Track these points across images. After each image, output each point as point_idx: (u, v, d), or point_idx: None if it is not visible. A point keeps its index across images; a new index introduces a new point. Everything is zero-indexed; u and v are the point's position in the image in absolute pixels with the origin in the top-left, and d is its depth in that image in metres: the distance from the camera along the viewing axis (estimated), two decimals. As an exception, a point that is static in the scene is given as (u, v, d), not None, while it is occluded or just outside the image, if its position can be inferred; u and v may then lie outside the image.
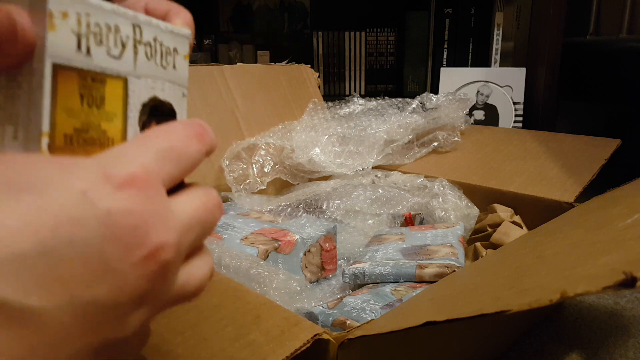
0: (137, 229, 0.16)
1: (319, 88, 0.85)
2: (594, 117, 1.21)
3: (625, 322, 0.51)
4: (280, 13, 1.48)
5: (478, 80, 1.16)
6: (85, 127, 0.18)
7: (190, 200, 0.19)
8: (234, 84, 0.72)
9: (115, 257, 0.15)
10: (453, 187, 0.62)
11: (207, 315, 0.28)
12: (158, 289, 0.17)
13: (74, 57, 0.17)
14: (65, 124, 0.18)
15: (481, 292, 0.27)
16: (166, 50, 0.21)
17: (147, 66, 0.20)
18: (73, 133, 0.18)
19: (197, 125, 0.20)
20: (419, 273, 0.43)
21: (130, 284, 0.16)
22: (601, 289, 0.18)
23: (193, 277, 0.19)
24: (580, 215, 0.43)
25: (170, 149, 0.18)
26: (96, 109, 0.19)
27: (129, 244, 0.16)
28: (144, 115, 0.21)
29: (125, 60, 0.19)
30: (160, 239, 0.16)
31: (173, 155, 0.18)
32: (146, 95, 0.21)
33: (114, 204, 0.15)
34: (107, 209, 0.15)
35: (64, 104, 0.17)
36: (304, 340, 0.25)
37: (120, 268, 0.16)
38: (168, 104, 0.22)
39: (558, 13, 1.07)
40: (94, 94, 0.18)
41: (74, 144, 0.18)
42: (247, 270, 0.40)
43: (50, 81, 0.17)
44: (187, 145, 0.19)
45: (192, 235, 0.19)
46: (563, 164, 0.62)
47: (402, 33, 1.30)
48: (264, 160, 0.67)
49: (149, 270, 0.16)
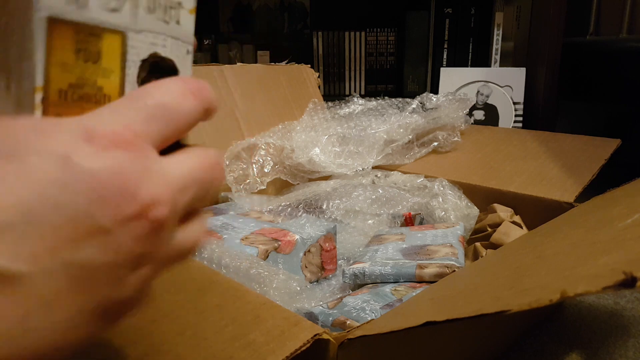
0: (125, 188, 0.16)
1: (319, 88, 0.85)
2: (594, 117, 1.21)
3: (625, 322, 0.51)
4: (280, 13, 1.48)
5: (478, 80, 1.16)
6: (80, 83, 0.18)
7: (185, 159, 0.18)
8: (234, 84, 0.72)
9: (104, 218, 0.15)
10: (453, 187, 0.62)
11: (207, 315, 0.28)
12: (155, 248, 0.17)
13: (68, 8, 0.17)
14: (59, 79, 0.17)
15: (481, 292, 0.27)
16: (169, 4, 0.20)
17: (148, 20, 0.19)
18: (67, 88, 0.17)
19: (193, 81, 0.19)
20: (419, 273, 0.43)
21: (125, 243, 0.16)
22: (601, 289, 0.18)
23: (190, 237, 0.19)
24: (580, 215, 0.43)
25: (160, 105, 0.18)
26: (92, 64, 0.18)
27: (118, 204, 0.15)
28: (143, 71, 0.20)
29: (124, 13, 0.18)
30: (150, 196, 0.16)
31: (164, 113, 0.18)
32: (146, 51, 0.20)
33: (97, 165, 0.15)
34: (91, 170, 0.15)
35: (58, 59, 0.17)
36: (304, 340, 0.25)
37: (111, 228, 0.15)
38: (170, 61, 0.21)
39: (558, 13, 1.07)
40: (90, 48, 0.18)
41: (68, 100, 0.18)
42: (247, 270, 0.40)
43: (44, 34, 0.16)
44: (180, 102, 0.18)
45: (187, 194, 0.18)
46: (563, 164, 0.62)
47: (402, 33, 1.30)
48: (264, 160, 0.67)
49: (142, 229, 0.16)
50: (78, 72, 0.18)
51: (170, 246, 0.18)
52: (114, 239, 0.16)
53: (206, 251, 0.42)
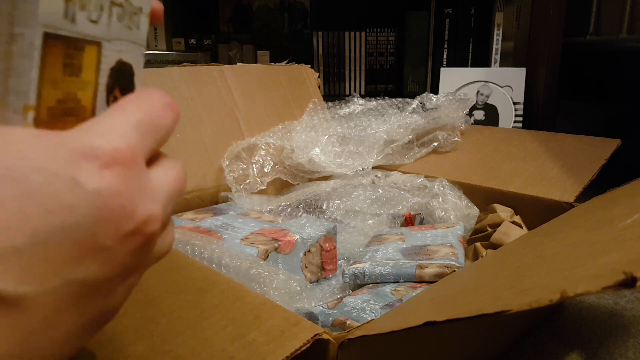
0: (126, 206, 0.16)
1: (319, 88, 0.85)
2: (594, 117, 1.21)
3: (625, 322, 0.51)
4: (280, 13, 1.48)
5: (478, 80, 1.16)
6: (65, 98, 0.18)
7: (166, 172, 0.19)
8: (234, 84, 0.72)
9: (106, 237, 0.16)
10: (453, 187, 0.62)
11: (207, 315, 0.28)
12: (143, 259, 0.18)
13: (61, 24, 0.16)
14: (50, 96, 0.17)
15: (481, 292, 0.27)
16: (133, 10, 0.20)
17: (118, 28, 0.19)
18: (56, 105, 0.17)
19: (165, 95, 0.20)
20: (419, 273, 0.43)
21: (119, 258, 0.16)
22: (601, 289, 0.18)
23: (167, 242, 0.20)
24: (580, 215, 0.43)
25: (149, 121, 0.18)
26: (75, 78, 0.18)
27: (119, 222, 0.16)
28: (110, 79, 0.20)
29: (102, 24, 0.18)
30: (147, 212, 0.17)
31: (153, 128, 0.18)
32: (114, 59, 0.20)
33: (101, 184, 0.15)
34: (95, 190, 0.15)
35: (50, 75, 0.17)
36: (304, 340, 0.25)
37: (109, 245, 0.16)
38: (129, 65, 0.21)
39: (558, 13, 1.07)
40: (75, 62, 0.18)
41: (55, 116, 0.17)
42: (247, 270, 0.40)
43: (39, 51, 0.16)
44: (164, 116, 0.19)
45: (171, 206, 0.19)
46: (563, 164, 0.62)
47: (402, 33, 1.30)
48: (264, 160, 0.67)
49: (136, 244, 0.17)
50: (65, 88, 0.17)
51: (153, 254, 0.19)
52: (113, 255, 0.16)
53: (206, 251, 0.42)
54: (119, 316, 0.28)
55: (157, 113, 0.19)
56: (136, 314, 0.28)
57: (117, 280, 0.17)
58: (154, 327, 0.27)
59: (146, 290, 0.31)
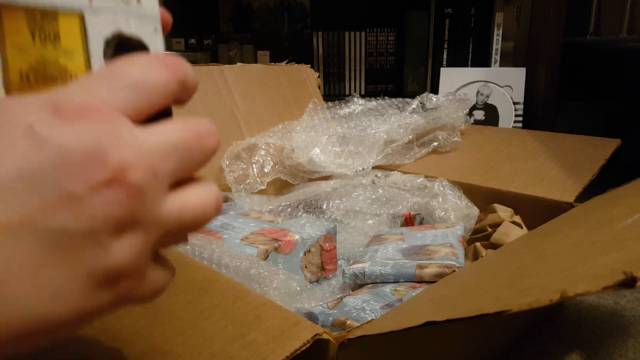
0: (92, 154, 0.15)
1: (319, 88, 0.85)
2: (594, 117, 1.21)
3: (625, 322, 0.51)
4: (280, 13, 1.48)
5: (478, 80, 1.16)
6: (41, 64, 0.18)
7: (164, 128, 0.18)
8: (234, 84, 0.72)
9: (74, 185, 0.15)
10: (453, 187, 0.62)
11: (207, 315, 0.28)
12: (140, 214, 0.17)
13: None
14: (17, 60, 0.17)
15: (481, 292, 0.27)
16: None
17: (105, 1, 0.20)
18: (29, 70, 0.18)
19: (165, 55, 0.19)
20: (419, 273, 0.43)
21: (100, 210, 0.16)
22: (601, 289, 0.18)
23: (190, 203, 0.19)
24: (580, 215, 0.43)
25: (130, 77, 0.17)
26: (51, 45, 0.18)
27: (86, 170, 0.15)
28: (109, 49, 0.20)
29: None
30: (121, 161, 0.16)
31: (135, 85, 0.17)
32: (108, 30, 0.20)
33: (64, 136, 0.15)
34: (56, 141, 0.15)
35: (12, 41, 0.17)
36: (304, 340, 0.25)
37: (83, 195, 0.15)
38: (137, 39, 0.21)
39: (558, 13, 1.07)
40: (46, 30, 0.18)
41: (32, 81, 0.18)
42: (247, 270, 0.40)
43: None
44: (151, 74, 0.18)
45: (171, 161, 0.18)
46: (563, 164, 0.62)
47: (402, 33, 1.30)
48: (264, 160, 0.67)
49: (116, 194, 0.16)
50: (37, 54, 0.18)
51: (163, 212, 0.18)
52: (87, 206, 0.15)
53: (206, 251, 0.42)
54: (119, 316, 0.28)
55: (143, 71, 0.18)
56: (136, 314, 0.28)
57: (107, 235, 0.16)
58: (154, 327, 0.27)
59: (146, 290, 0.30)
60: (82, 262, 0.16)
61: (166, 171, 0.18)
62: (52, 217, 0.15)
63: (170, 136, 0.18)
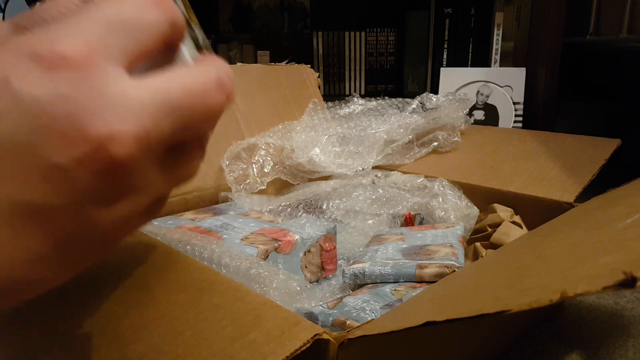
0: (73, 117, 0.13)
1: (319, 88, 0.85)
2: (594, 117, 1.21)
3: (625, 322, 0.51)
4: (280, 13, 1.48)
5: (478, 80, 1.16)
6: None
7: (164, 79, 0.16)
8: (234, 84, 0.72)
9: (53, 153, 0.13)
10: (453, 187, 0.62)
11: (207, 315, 0.28)
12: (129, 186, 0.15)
13: None
14: None
15: (481, 292, 0.27)
16: None
17: None
18: None
19: None
20: (419, 273, 0.43)
21: (84, 182, 0.14)
22: (601, 289, 0.18)
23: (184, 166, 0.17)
24: (580, 215, 0.43)
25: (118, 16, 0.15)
26: None
27: (68, 137, 0.13)
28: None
29: None
30: (106, 130, 0.13)
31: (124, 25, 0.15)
32: None
33: (42, 89, 0.13)
34: (33, 96, 0.13)
35: None
36: (304, 340, 0.25)
37: (63, 164, 0.13)
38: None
39: (558, 13, 1.07)
40: None
41: None
42: (247, 270, 0.40)
43: None
44: (141, 12, 0.16)
45: (168, 123, 0.15)
46: (563, 164, 0.62)
47: (402, 33, 1.30)
48: (264, 160, 0.67)
49: (100, 168, 0.14)
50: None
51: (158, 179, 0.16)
52: (69, 176, 0.14)
53: (206, 251, 0.42)
54: (119, 316, 0.28)
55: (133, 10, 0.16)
56: (136, 314, 0.28)
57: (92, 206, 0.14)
58: (154, 327, 0.27)
59: (146, 291, 0.31)
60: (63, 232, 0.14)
61: (161, 135, 0.15)
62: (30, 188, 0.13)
63: (168, 92, 0.15)
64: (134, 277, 0.32)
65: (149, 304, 0.29)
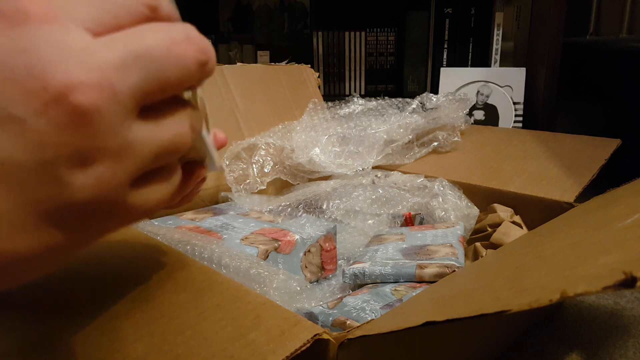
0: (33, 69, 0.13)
1: (319, 88, 0.85)
2: (594, 117, 1.21)
3: (625, 322, 0.51)
4: (280, 13, 1.48)
5: (478, 80, 1.16)
6: None
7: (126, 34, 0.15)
8: (234, 84, 0.72)
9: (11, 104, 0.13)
10: (453, 187, 0.62)
11: (207, 315, 0.28)
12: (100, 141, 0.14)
13: None
14: None
15: (481, 292, 0.27)
16: None
17: None
18: None
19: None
20: (419, 273, 0.43)
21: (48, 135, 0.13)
22: (601, 289, 0.18)
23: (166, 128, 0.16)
24: (580, 215, 0.43)
25: None
26: None
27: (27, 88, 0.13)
28: None
29: None
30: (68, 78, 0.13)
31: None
32: None
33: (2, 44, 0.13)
34: None
35: None
36: (304, 340, 0.25)
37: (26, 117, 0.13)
38: None
39: (558, 13, 1.07)
40: None
41: None
42: (247, 270, 0.40)
43: None
44: None
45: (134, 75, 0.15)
46: (563, 164, 0.62)
47: (402, 33, 1.30)
48: (264, 160, 0.67)
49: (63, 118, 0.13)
50: None
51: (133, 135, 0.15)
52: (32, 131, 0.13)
53: (206, 251, 0.42)
54: (119, 316, 0.28)
55: None
56: (136, 314, 0.28)
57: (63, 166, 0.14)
58: (154, 327, 0.27)
59: (146, 290, 0.31)
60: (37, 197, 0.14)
61: (129, 88, 0.15)
62: None
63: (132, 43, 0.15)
64: (134, 277, 0.32)
65: (149, 304, 0.29)
